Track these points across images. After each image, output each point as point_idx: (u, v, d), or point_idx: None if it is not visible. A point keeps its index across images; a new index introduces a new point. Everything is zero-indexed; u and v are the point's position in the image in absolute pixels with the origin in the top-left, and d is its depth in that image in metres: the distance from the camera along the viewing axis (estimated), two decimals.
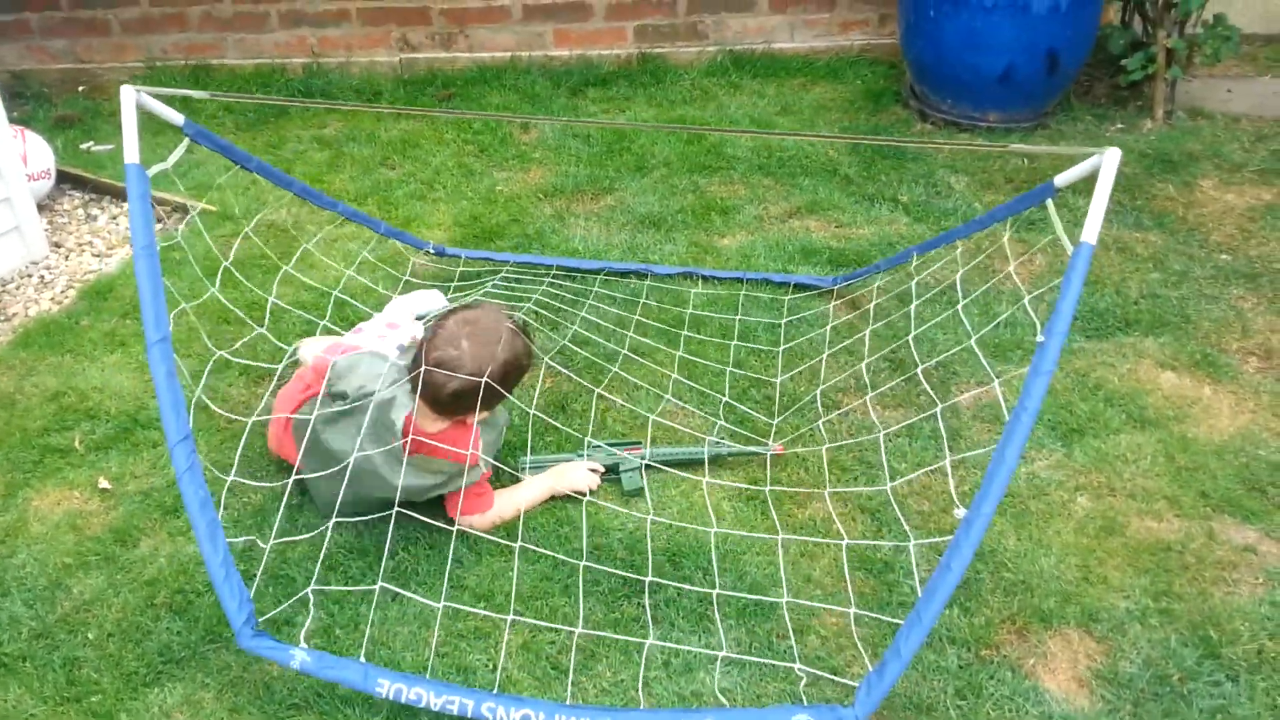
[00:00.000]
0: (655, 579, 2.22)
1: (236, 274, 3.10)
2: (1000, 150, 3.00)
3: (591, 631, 2.13)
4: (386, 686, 1.92)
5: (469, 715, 1.90)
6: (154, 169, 2.30)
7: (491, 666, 2.08)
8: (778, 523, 2.39)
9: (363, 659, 2.04)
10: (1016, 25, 3.99)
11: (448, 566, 2.28)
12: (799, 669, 2.04)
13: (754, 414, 2.74)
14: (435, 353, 2.27)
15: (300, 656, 1.95)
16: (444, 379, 2.25)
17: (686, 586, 2.22)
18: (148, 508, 2.51)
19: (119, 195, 4.08)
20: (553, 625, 2.15)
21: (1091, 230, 2.01)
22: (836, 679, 2.02)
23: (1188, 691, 2.00)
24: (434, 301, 3.05)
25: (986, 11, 4.00)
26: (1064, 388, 2.78)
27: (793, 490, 2.49)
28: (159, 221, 3.94)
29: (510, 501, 2.44)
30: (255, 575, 2.26)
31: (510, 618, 2.15)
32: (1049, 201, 2.31)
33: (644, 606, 2.19)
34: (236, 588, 1.97)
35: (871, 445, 2.61)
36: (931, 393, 2.69)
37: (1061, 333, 1.94)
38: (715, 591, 2.20)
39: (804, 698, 1.99)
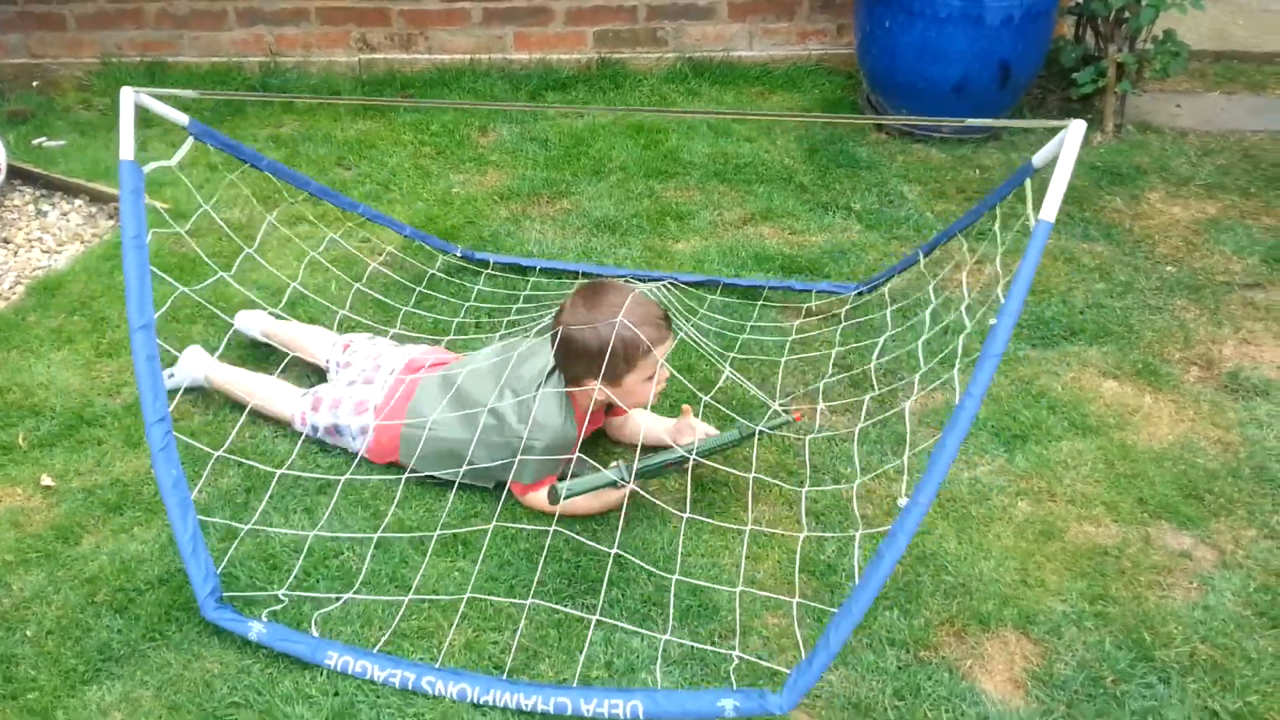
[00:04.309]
0: (617, 550, 2.24)
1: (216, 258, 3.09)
2: (957, 123, 3.01)
3: (546, 603, 2.14)
4: (335, 659, 2.06)
5: (410, 688, 2.02)
6: (151, 166, 2.40)
7: (434, 665, 2.08)
8: (671, 524, 2.41)
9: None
10: (970, 37, 4.04)
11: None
12: (736, 655, 2.07)
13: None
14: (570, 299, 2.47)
15: (258, 628, 2.10)
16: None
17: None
18: (91, 505, 2.49)
19: (71, 191, 4.04)
20: (512, 600, 2.16)
21: (1051, 208, 2.01)
22: (775, 667, 2.04)
23: (1121, 693, 2.03)
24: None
25: (940, 23, 4.05)
26: (1008, 395, 2.82)
27: (715, 515, 2.51)
28: (112, 219, 3.91)
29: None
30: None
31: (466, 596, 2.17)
32: (1027, 181, 2.34)
33: (589, 606, 2.20)
34: (204, 562, 2.13)
35: (816, 447, 2.63)
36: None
37: (1014, 312, 1.95)
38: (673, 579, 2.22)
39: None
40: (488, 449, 2.43)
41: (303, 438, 2.65)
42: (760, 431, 2.54)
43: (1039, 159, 2.31)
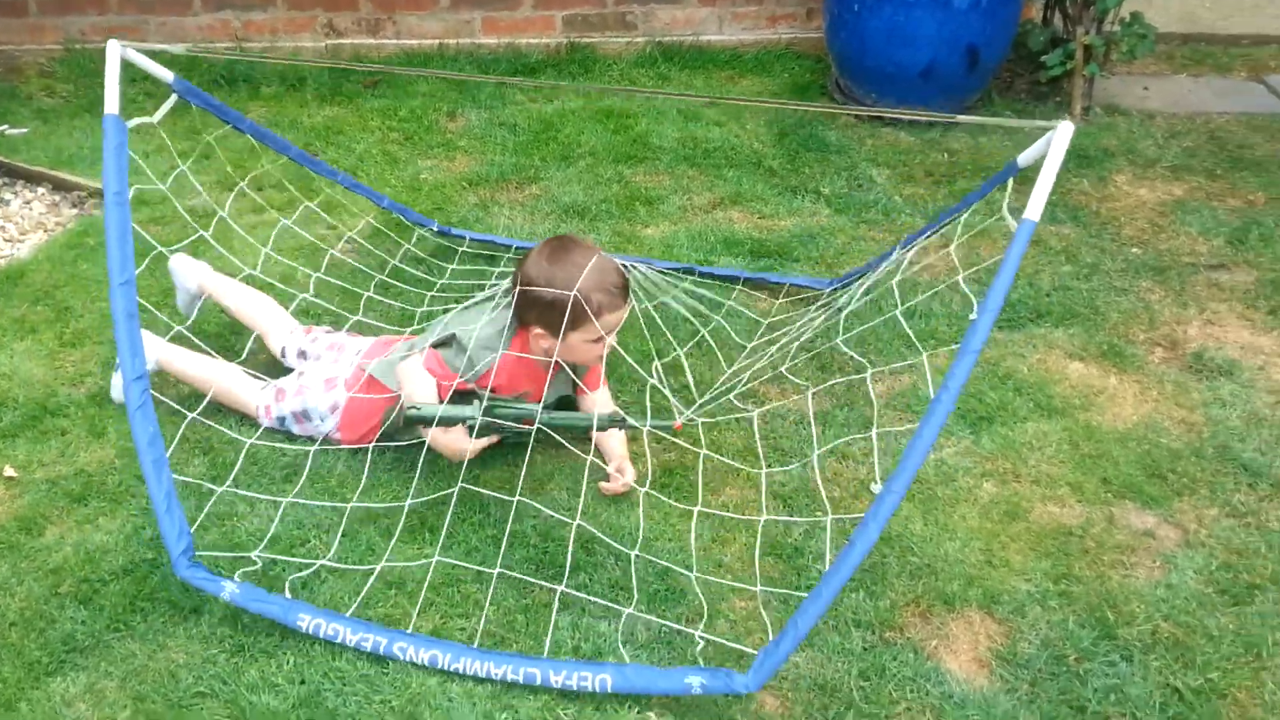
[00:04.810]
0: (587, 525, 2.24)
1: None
2: (947, 120, 2.99)
3: (512, 573, 2.14)
4: (307, 621, 2.07)
5: (381, 652, 2.04)
6: (135, 121, 2.42)
7: (406, 631, 2.07)
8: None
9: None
10: (937, 20, 4.06)
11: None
12: (699, 635, 2.09)
13: (672, 399, 2.76)
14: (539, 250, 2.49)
15: (230, 588, 2.09)
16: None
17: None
18: (54, 496, 2.47)
19: (33, 179, 4.00)
20: (474, 567, 2.16)
21: (1035, 207, 2.01)
22: (742, 648, 2.05)
23: (1084, 671, 2.05)
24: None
25: (909, 7, 4.06)
26: (974, 377, 2.83)
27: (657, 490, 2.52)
28: (75, 207, 3.88)
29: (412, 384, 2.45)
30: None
31: (432, 562, 2.16)
32: (1010, 181, 2.33)
33: (555, 593, 2.20)
34: (177, 519, 2.12)
35: (784, 431, 2.64)
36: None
37: (994, 309, 1.97)
38: (634, 553, 2.22)
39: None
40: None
41: (260, 429, 2.63)
42: (632, 426, 2.49)
43: (1024, 159, 2.28)
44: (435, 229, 3.50)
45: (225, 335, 3.00)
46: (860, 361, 2.82)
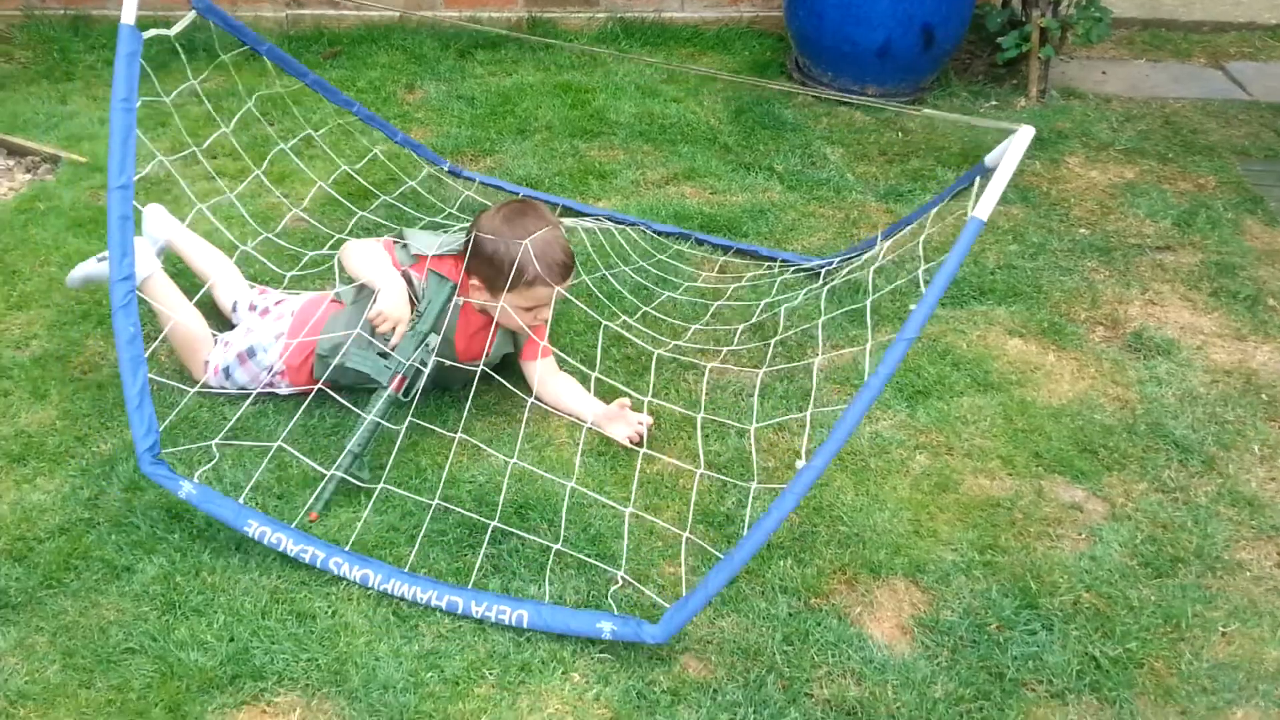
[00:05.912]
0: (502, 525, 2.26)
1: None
2: (915, 113, 3.02)
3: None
4: (254, 527, 2.17)
5: (318, 565, 2.16)
6: (151, 32, 2.48)
7: (331, 613, 2.10)
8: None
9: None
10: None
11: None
12: (621, 576, 2.17)
13: (616, 369, 2.78)
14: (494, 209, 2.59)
15: (187, 488, 2.19)
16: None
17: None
18: None
19: None
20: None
21: (985, 206, 2.06)
22: (658, 599, 2.08)
23: (1004, 639, 2.09)
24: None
25: None
26: (914, 351, 2.87)
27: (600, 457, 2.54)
28: (29, 172, 3.86)
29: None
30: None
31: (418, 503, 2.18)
32: (977, 180, 2.36)
33: (489, 555, 2.23)
34: (147, 417, 2.20)
35: (724, 402, 2.66)
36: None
37: (931, 303, 2.02)
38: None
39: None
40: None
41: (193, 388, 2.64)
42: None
43: (991, 159, 2.31)
44: (446, 168, 3.66)
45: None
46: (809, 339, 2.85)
